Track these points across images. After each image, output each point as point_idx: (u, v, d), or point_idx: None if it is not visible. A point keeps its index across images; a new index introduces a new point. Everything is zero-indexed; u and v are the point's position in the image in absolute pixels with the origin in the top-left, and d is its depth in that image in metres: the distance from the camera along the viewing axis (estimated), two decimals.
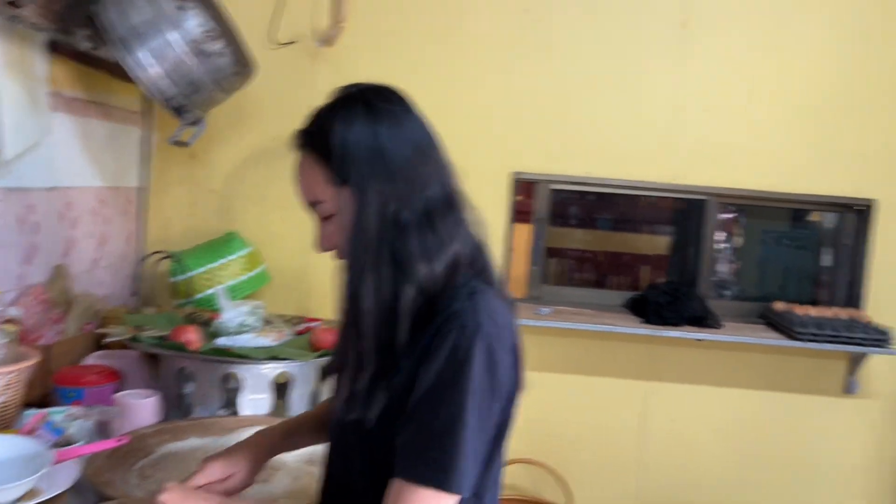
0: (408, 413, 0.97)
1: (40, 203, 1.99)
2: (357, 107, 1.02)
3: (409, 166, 1.00)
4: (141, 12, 1.91)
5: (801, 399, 2.77)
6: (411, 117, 1.05)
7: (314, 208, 1.05)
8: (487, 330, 0.96)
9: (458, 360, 0.94)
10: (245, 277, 2.44)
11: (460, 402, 0.93)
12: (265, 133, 2.66)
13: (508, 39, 2.65)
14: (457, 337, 0.95)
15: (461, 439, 0.93)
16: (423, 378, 0.95)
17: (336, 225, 1.03)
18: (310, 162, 1.04)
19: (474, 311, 0.97)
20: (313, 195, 1.04)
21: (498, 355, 0.97)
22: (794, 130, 2.68)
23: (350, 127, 1.00)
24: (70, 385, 1.69)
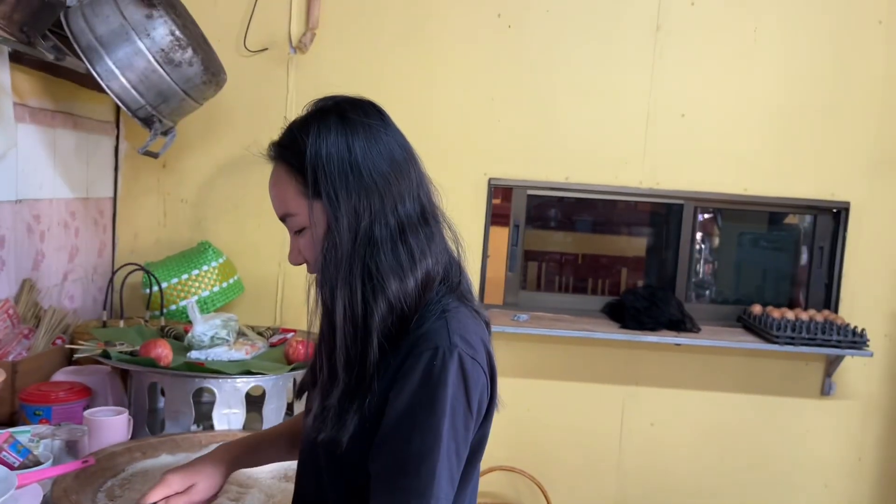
0: (381, 436, 0.95)
1: (7, 216, 1.95)
2: (331, 119, 1.00)
3: (383, 180, 0.99)
4: (107, 22, 1.88)
5: (779, 401, 2.78)
6: (387, 131, 1.03)
7: (286, 221, 1.04)
8: (461, 350, 0.94)
9: (432, 383, 0.93)
10: (218, 288, 2.41)
11: (435, 426, 0.92)
12: (237, 141, 2.63)
13: (482, 45, 2.65)
14: (429, 358, 0.93)
15: (436, 463, 0.91)
16: (396, 401, 0.94)
17: (308, 239, 1.02)
18: (283, 175, 1.02)
19: (447, 331, 0.96)
20: (286, 208, 1.02)
21: (471, 375, 0.95)
22: (769, 134, 2.70)
23: (324, 140, 0.98)
24: (37, 403, 1.65)
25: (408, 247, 0.99)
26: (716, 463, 2.80)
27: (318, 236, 1.00)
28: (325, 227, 0.98)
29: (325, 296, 0.99)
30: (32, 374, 1.77)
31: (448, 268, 1.04)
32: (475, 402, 0.96)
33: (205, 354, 1.86)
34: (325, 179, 0.97)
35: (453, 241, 1.07)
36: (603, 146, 2.70)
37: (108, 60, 1.90)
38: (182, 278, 2.37)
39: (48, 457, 1.41)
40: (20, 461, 1.36)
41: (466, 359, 0.95)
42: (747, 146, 2.70)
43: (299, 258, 1.05)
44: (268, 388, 1.79)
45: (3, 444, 1.36)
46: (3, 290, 1.96)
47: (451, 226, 1.07)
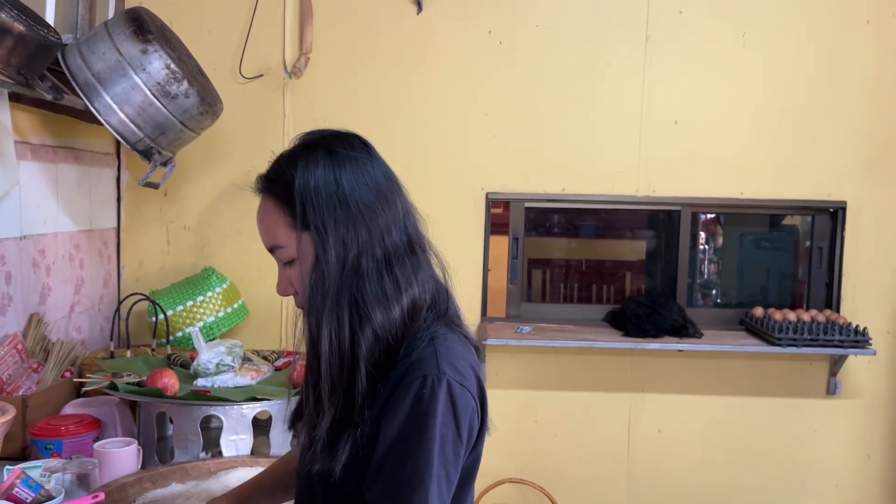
0: (375, 465, 0.97)
1: (12, 253, 1.99)
2: (319, 153, 1.02)
3: (370, 212, 1.01)
4: (104, 58, 1.92)
5: (785, 403, 2.79)
6: (373, 163, 1.05)
7: (275, 253, 1.05)
8: (449, 377, 0.96)
9: (422, 411, 0.94)
10: (223, 313, 2.43)
11: (426, 454, 0.94)
12: (237, 167, 2.66)
13: (474, 62, 2.68)
14: (419, 387, 0.95)
15: (429, 491, 0.93)
16: (387, 430, 0.96)
17: (297, 270, 1.03)
18: (270, 207, 1.03)
19: (436, 359, 0.97)
20: (273, 240, 1.03)
21: (460, 402, 0.97)
22: (762, 137, 2.72)
23: (312, 173, 1.00)
24: (48, 437, 1.67)
25: (394, 277, 1.00)
26: (724, 466, 2.80)
27: (305, 268, 1.01)
28: (313, 258, 1.00)
29: (312, 326, 1.00)
30: (42, 408, 1.80)
31: (436, 295, 1.06)
32: (465, 428, 0.98)
33: (211, 382, 1.89)
34: (313, 212, 0.99)
35: (440, 268, 1.08)
36: (598, 156, 2.72)
37: (106, 96, 1.94)
38: (187, 305, 2.40)
39: (60, 491, 1.44)
40: (32, 497, 1.39)
41: (455, 386, 0.96)
42: (741, 150, 2.72)
43: (288, 289, 1.06)
44: (274, 412, 1.81)
45: (16, 480, 1.39)
46: (12, 326, 2.00)
47: (437, 254, 1.09)
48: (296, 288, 1.05)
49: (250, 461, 1.68)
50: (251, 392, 1.83)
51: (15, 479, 1.38)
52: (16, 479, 1.38)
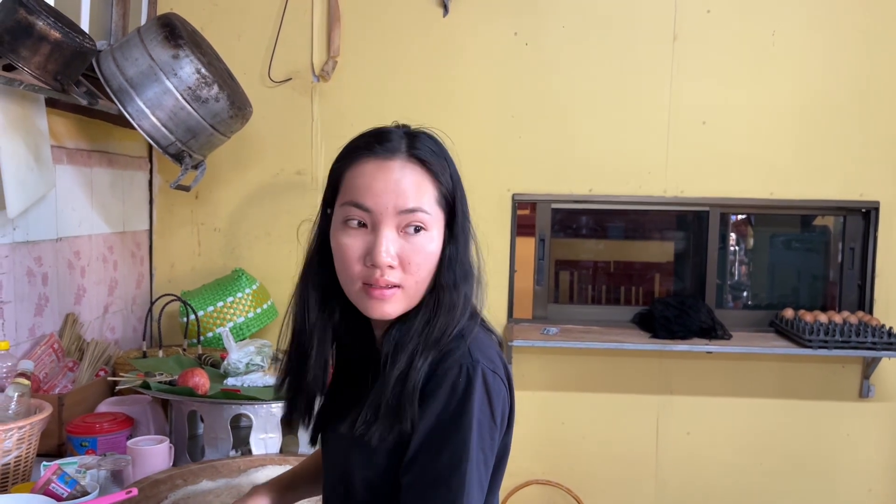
0: (412, 451, 0.98)
1: (48, 254, 2.04)
2: (445, 144, 1.07)
3: None
4: (136, 64, 1.96)
5: (817, 406, 2.75)
6: None
7: (411, 214, 1.00)
8: (483, 366, 0.99)
9: (458, 399, 0.97)
10: (253, 314, 2.47)
11: (464, 439, 0.96)
12: (266, 170, 2.70)
13: (500, 64, 2.68)
14: (455, 376, 0.97)
15: (467, 475, 0.95)
16: (425, 417, 0.98)
17: (425, 243, 1.01)
18: (421, 173, 1.02)
19: (468, 348, 1.00)
20: (420, 203, 1.00)
21: (494, 389, 0.99)
22: (793, 137, 2.69)
23: (452, 160, 1.06)
24: (83, 434, 1.72)
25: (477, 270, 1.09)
26: (755, 470, 2.77)
27: (438, 246, 1.03)
28: (443, 241, 1.04)
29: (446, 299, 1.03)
30: (78, 407, 1.84)
31: None
32: (499, 414, 1.00)
33: (240, 381, 1.92)
34: (461, 202, 1.05)
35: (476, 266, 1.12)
36: (625, 157, 2.71)
37: (139, 101, 1.98)
38: (217, 306, 2.44)
39: (94, 486, 1.47)
40: (68, 492, 1.42)
41: (488, 373, 0.99)
42: (771, 150, 2.69)
43: (395, 259, 1.00)
44: None
45: (52, 475, 1.42)
46: (48, 326, 2.05)
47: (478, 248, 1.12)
48: (408, 258, 1.00)
49: (279, 459, 1.71)
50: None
51: (52, 474, 1.42)
52: (52, 475, 1.42)
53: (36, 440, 1.56)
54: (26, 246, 1.93)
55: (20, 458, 1.51)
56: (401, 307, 1.02)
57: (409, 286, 1.01)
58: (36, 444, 1.56)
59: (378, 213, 0.99)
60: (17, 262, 1.90)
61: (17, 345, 1.90)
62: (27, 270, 1.94)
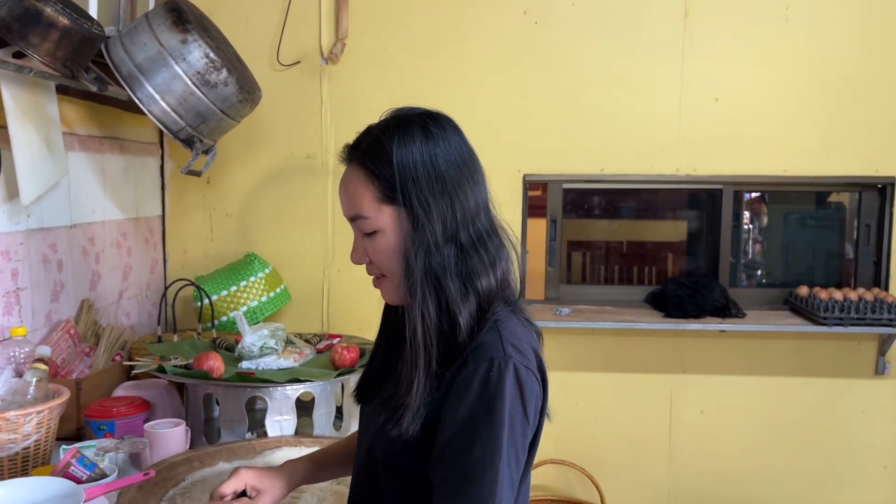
0: (441, 446, 0.98)
1: (62, 241, 2.05)
2: (415, 130, 1.04)
3: (461, 190, 1.03)
4: (145, 49, 1.96)
5: (832, 383, 2.74)
6: (462, 143, 1.07)
7: (356, 222, 1.06)
8: (515, 361, 0.98)
9: (490, 394, 0.96)
10: (266, 298, 2.48)
11: (495, 435, 0.95)
12: (277, 153, 2.70)
13: (510, 43, 2.66)
14: (486, 370, 0.97)
15: (498, 471, 0.95)
16: (455, 412, 0.97)
17: (380, 242, 1.05)
18: (359, 178, 1.05)
19: (500, 342, 0.99)
20: (358, 210, 1.05)
21: (527, 384, 0.99)
22: (807, 113, 2.65)
23: (409, 149, 1.02)
24: (101, 418, 1.74)
25: (487, 251, 1.04)
26: (769, 449, 2.77)
27: (391, 241, 1.04)
28: (405, 232, 1.02)
29: (414, 297, 1.01)
30: (95, 391, 1.86)
31: (506, 274, 1.08)
32: (531, 410, 1.00)
33: (255, 364, 1.93)
34: (414, 188, 1.01)
35: (514, 250, 1.11)
36: (637, 135, 2.69)
37: (148, 86, 1.98)
38: (231, 290, 2.45)
39: (113, 469, 1.49)
40: (87, 475, 1.44)
41: (521, 369, 0.98)
42: (785, 126, 2.66)
43: (363, 258, 1.08)
44: (316, 393, 1.85)
45: (72, 459, 1.44)
46: (65, 311, 2.07)
47: (511, 237, 1.10)
48: (371, 258, 1.07)
49: (294, 441, 1.72)
50: (294, 374, 1.86)
51: (71, 458, 1.44)
52: (72, 458, 1.44)
53: (55, 424, 1.58)
54: (41, 233, 1.95)
55: (39, 441, 1.53)
56: (395, 295, 1.08)
57: (390, 276, 1.06)
58: (55, 428, 1.59)
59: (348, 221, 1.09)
60: (33, 248, 1.91)
61: (35, 330, 1.92)
62: (42, 257, 1.96)
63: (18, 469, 1.50)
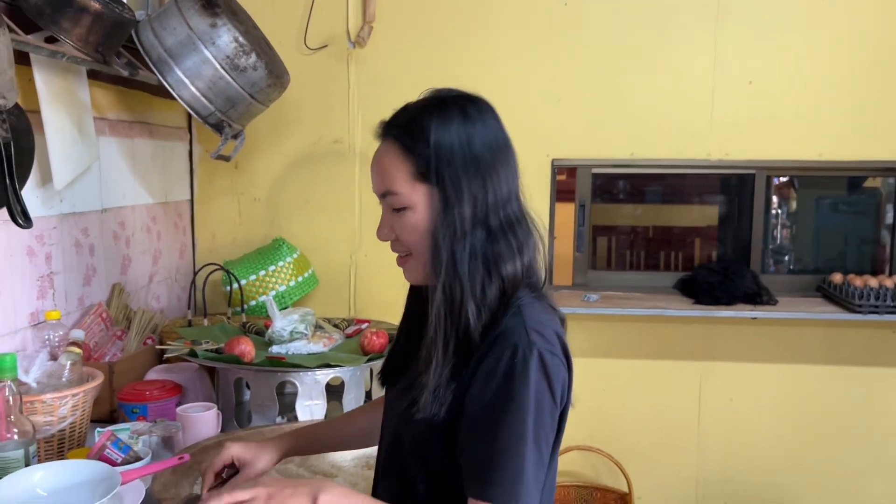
0: (468, 432, 0.99)
1: (94, 225, 2.07)
2: (453, 111, 1.04)
3: (495, 173, 1.03)
4: (175, 33, 1.96)
5: (865, 371, 2.69)
6: (498, 128, 1.07)
7: (386, 198, 1.06)
8: (539, 346, 0.98)
9: (515, 381, 0.96)
10: (294, 283, 2.48)
11: (521, 421, 0.95)
12: (304, 138, 2.70)
13: (539, 25, 2.62)
14: (510, 357, 0.97)
15: (525, 455, 0.95)
16: (481, 397, 0.97)
17: (409, 220, 1.04)
18: (393, 154, 1.04)
19: (524, 328, 0.99)
20: (390, 186, 1.04)
21: (553, 369, 0.98)
22: (842, 96, 2.59)
23: (446, 129, 1.02)
24: (134, 401, 1.75)
25: (516, 238, 1.04)
26: (799, 437, 2.74)
27: (421, 220, 1.03)
28: (435, 211, 1.02)
29: (439, 277, 1.01)
30: (127, 374, 1.88)
31: (532, 261, 1.08)
32: (558, 395, 1.00)
33: (285, 349, 1.94)
34: (448, 168, 1.01)
35: (541, 239, 1.10)
36: (668, 119, 2.64)
37: (178, 71, 1.98)
38: (259, 274, 2.46)
39: (147, 452, 1.50)
40: (122, 457, 1.45)
41: (546, 354, 0.98)
42: (820, 110, 2.60)
43: (390, 235, 1.08)
44: (346, 378, 1.85)
45: (106, 441, 1.45)
46: (97, 295, 2.09)
47: (538, 225, 1.10)
48: (398, 234, 1.07)
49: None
50: (324, 359, 1.87)
51: (106, 440, 1.45)
52: (106, 441, 1.45)
53: (89, 407, 1.60)
54: (73, 217, 1.96)
55: (75, 424, 1.55)
56: (419, 274, 1.08)
57: (416, 255, 1.06)
58: (89, 411, 1.60)
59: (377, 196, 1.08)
60: (66, 233, 1.93)
61: (68, 314, 1.94)
62: (75, 241, 1.97)
63: (55, 451, 1.52)
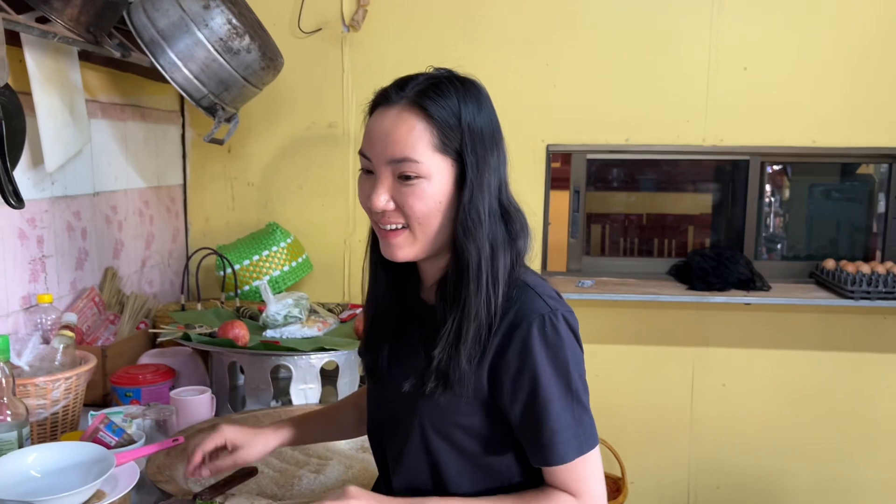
0: (525, 410, 1.01)
1: (86, 209, 2.05)
2: (475, 90, 1.05)
3: (503, 157, 1.07)
4: (167, 15, 1.93)
5: (857, 357, 2.71)
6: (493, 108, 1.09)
7: (398, 165, 1.01)
8: (559, 308, 1.03)
9: (552, 349, 1.00)
10: (288, 267, 2.48)
11: (568, 380, 1.01)
12: (298, 122, 2.68)
13: (534, 10, 2.61)
14: (540, 327, 1.00)
15: (582, 406, 1.03)
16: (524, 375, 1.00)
17: (423, 190, 1.01)
18: (416, 121, 1.00)
19: (540, 298, 1.03)
20: (407, 153, 1.00)
21: (574, 324, 1.04)
22: (837, 83, 2.59)
23: (474, 107, 1.03)
24: (127, 385, 1.74)
25: (520, 215, 1.08)
26: (791, 422, 2.76)
27: (440, 191, 1.01)
28: (451, 185, 1.02)
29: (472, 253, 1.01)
30: (120, 358, 1.87)
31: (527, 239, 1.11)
32: (580, 339, 1.07)
33: (279, 333, 1.93)
34: (479, 142, 1.02)
35: None
36: (663, 105, 2.64)
37: (171, 53, 1.95)
38: (253, 259, 2.45)
39: (140, 436, 1.50)
40: (116, 440, 1.45)
41: (567, 314, 1.04)
42: (815, 96, 2.60)
43: (389, 204, 1.03)
44: (340, 362, 1.85)
45: (100, 424, 1.45)
46: (89, 279, 2.07)
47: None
48: (401, 203, 1.02)
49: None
50: (319, 343, 1.86)
51: (99, 423, 1.45)
52: (100, 424, 1.45)
53: (82, 390, 1.59)
54: (65, 200, 1.95)
55: (68, 407, 1.54)
56: (413, 250, 1.05)
57: (414, 228, 1.03)
58: (82, 395, 1.60)
59: (375, 161, 1.03)
60: (57, 216, 1.91)
61: (60, 298, 1.93)
62: (67, 225, 1.96)
63: (48, 434, 1.52)
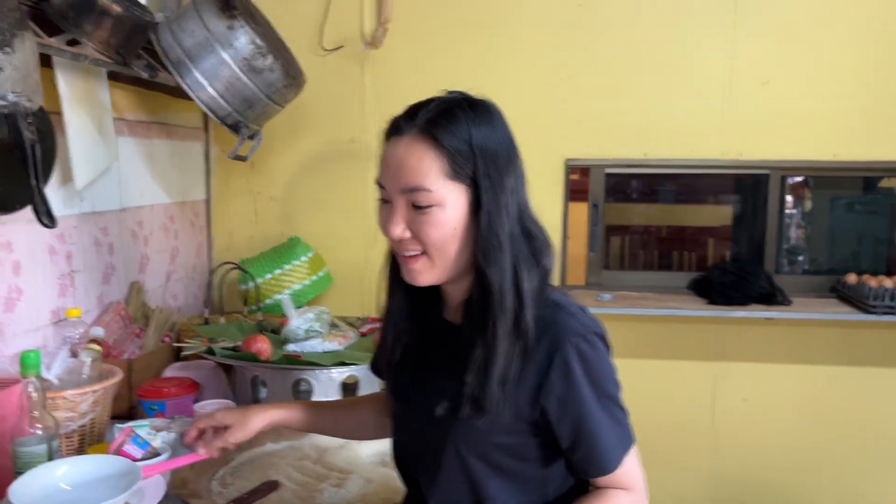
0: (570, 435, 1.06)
1: (113, 225, 2.10)
2: (487, 113, 1.05)
3: (522, 179, 1.07)
4: (193, 35, 1.98)
5: (880, 372, 2.68)
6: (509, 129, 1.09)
7: (411, 194, 1.02)
8: (592, 326, 1.06)
9: (592, 368, 1.04)
10: (309, 281, 2.50)
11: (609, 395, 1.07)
12: (319, 138, 2.72)
13: (553, 25, 2.63)
14: (578, 346, 1.03)
15: (618, 404, 1.09)
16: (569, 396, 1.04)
17: (437, 217, 1.02)
18: (426, 150, 1.01)
19: (573, 318, 1.05)
20: (421, 182, 1.01)
21: (608, 339, 1.08)
22: (857, 96, 2.58)
23: (483, 129, 1.02)
24: (152, 398, 1.78)
25: (542, 233, 1.09)
26: (813, 438, 2.73)
27: (455, 218, 1.02)
28: (466, 211, 1.02)
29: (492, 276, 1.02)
30: (146, 371, 1.91)
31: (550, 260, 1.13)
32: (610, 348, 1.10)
33: (301, 347, 1.96)
34: (492, 166, 1.01)
35: None
36: (682, 119, 2.64)
37: (196, 72, 2.00)
38: (275, 273, 2.48)
39: (165, 448, 1.52)
40: (142, 453, 1.47)
41: (599, 330, 1.07)
42: (835, 110, 2.59)
43: (406, 232, 1.05)
44: (361, 376, 1.87)
45: (126, 437, 1.48)
46: (115, 294, 2.12)
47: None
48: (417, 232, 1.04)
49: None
50: (339, 357, 1.88)
51: (125, 436, 1.47)
52: (126, 437, 1.48)
53: (109, 403, 1.62)
54: (93, 217, 1.99)
55: (95, 420, 1.57)
56: (432, 275, 1.07)
57: (432, 254, 1.04)
58: (109, 407, 1.63)
59: (390, 191, 1.05)
60: (86, 232, 1.96)
61: (87, 312, 1.97)
62: (94, 240, 2.00)
63: (75, 446, 1.55)
